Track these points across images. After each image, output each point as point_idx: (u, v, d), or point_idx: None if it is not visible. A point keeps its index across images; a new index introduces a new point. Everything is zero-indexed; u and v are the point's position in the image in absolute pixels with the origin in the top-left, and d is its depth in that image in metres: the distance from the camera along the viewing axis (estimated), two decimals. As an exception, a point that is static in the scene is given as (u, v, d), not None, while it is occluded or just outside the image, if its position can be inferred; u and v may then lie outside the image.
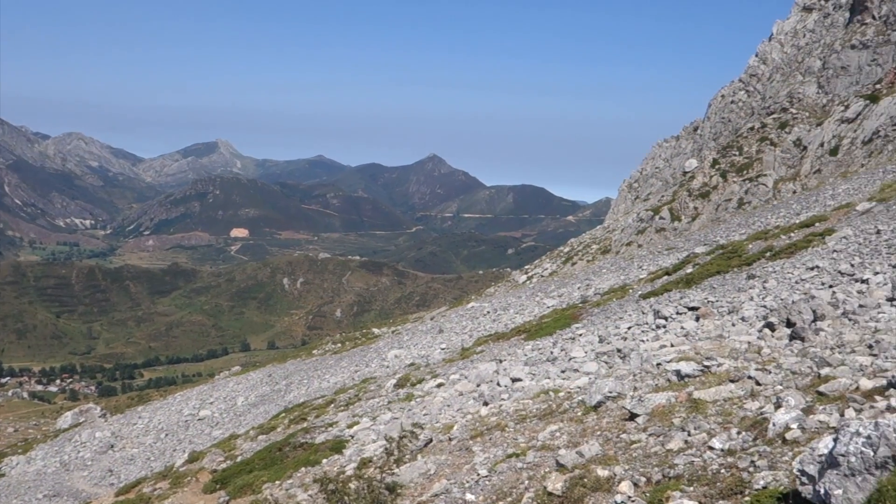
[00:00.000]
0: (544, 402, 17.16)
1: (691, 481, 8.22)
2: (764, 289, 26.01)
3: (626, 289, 39.65)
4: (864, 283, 22.25)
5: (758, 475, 7.60)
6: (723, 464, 8.43)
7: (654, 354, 18.76)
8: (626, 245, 69.09)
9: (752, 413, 9.99)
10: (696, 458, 8.91)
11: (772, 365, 12.60)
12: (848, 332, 14.72)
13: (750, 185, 69.72)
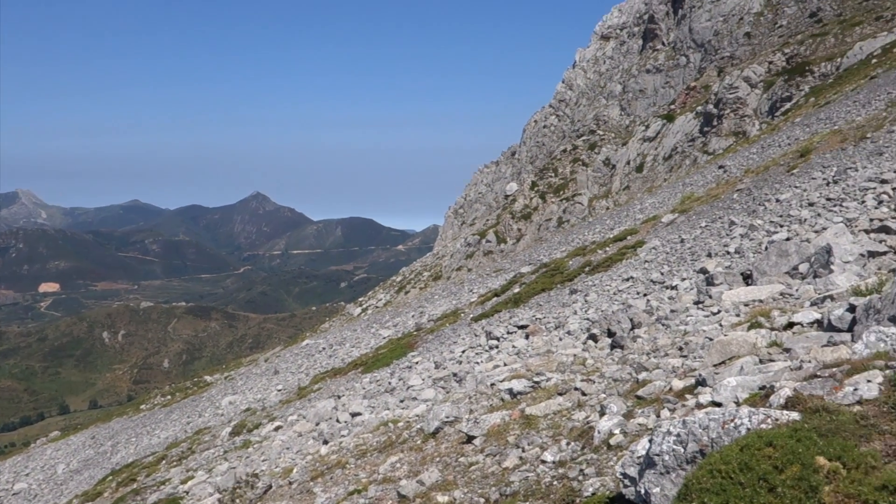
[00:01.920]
0: (384, 434, 17.07)
1: (527, 496, 8.41)
2: (586, 302, 27.27)
3: (459, 313, 40.39)
4: (674, 289, 23.83)
5: (587, 483, 7.90)
6: (555, 475, 8.70)
7: (489, 375, 19.15)
8: (457, 270, 70.49)
9: (579, 423, 10.40)
10: (531, 473, 9.14)
11: (596, 375, 13.19)
12: (661, 336, 15.66)
13: (567, 204, 73.12)
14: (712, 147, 67.26)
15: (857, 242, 20.74)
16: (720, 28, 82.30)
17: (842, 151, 32.14)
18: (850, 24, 70.74)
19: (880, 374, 5.79)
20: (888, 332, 7.77)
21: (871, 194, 25.90)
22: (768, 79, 70.26)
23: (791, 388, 5.98)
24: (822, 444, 4.36)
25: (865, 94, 43.83)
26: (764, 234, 26.39)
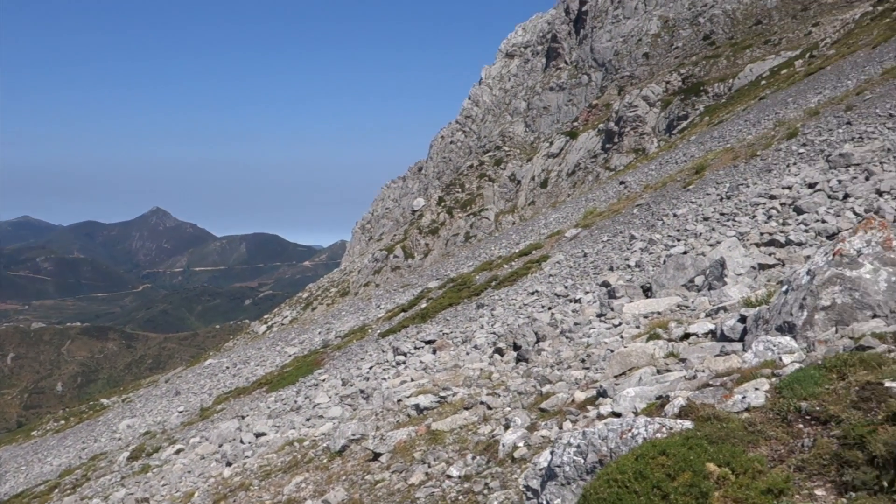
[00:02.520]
0: (289, 454, 16.77)
1: (432, 512, 8.39)
2: (493, 316, 27.52)
3: (366, 329, 40.14)
4: (577, 302, 24.32)
5: (491, 496, 7.94)
6: (460, 490, 8.71)
7: (396, 391, 19.07)
8: (364, 286, 70.12)
9: (485, 437, 10.45)
10: (436, 489, 9.12)
11: (501, 388, 13.30)
12: (565, 349, 15.94)
13: (474, 219, 73.79)
14: (614, 163, 69.21)
15: (748, 255, 21.65)
16: (620, 48, 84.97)
17: (734, 168, 33.55)
18: (741, 46, 74.18)
19: (767, 382, 6.04)
20: (775, 342, 8.12)
21: (761, 209, 27.12)
22: (666, 98, 72.89)
23: (685, 397, 6.17)
24: (713, 451, 4.51)
25: (755, 113, 45.96)
26: (662, 248, 27.25)
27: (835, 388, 5.39)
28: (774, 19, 76.64)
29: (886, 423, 4.42)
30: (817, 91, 41.67)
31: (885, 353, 6.32)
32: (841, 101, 35.23)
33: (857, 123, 30.72)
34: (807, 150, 30.92)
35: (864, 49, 46.73)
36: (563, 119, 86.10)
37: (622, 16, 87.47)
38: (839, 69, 44.62)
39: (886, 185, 24.30)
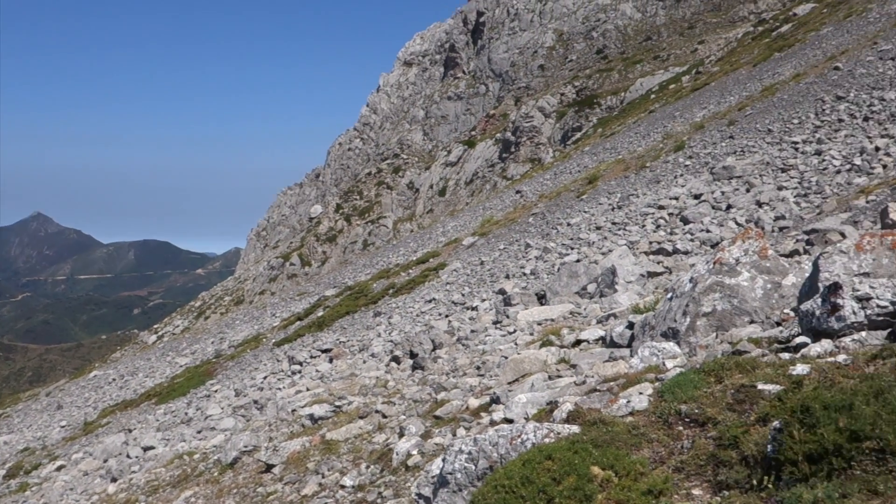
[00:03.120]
0: (179, 468, 16.24)
1: (325, 524, 8.28)
2: (390, 324, 27.48)
3: (261, 338, 39.38)
4: (474, 310, 24.56)
5: (385, 505, 7.90)
6: (354, 500, 8.64)
7: (290, 401, 18.77)
8: (259, 294, 68.80)
9: (379, 446, 10.41)
10: (330, 500, 9.02)
11: (397, 396, 13.28)
12: (461, 356, 16.06)
13: (372, 226, 73.57)
14: (511, 172, 70.37)
15: (638, 264, 22.38)
16: (517, 60, 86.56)
17: (625, 179, 34.65)
18: (632, 61, 76.80)
19: (650, 386, 6.24)
20: (659, 347, 8.41)
21: (650, 219, 28.11)
22: (560, 109, 74.67)
23: (573, 402, 6.31)
24: (597, 455, 4.62)
25: (645, 126, 47.62)
26: (557, 256, 27.85)
27: (712, 392, 5.61)
28: (663, 36, 79.72)
29: (758, 423, 4.63)
30: (703, 106, 43.53)
31: (759, 357, 6.63)
32: (724, 116, 36.92)
33: (738, 138, 32.25)
34: (693, 162, 32.25)
35: (745, 67, 49.14)
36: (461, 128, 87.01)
37: (518, 28, 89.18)
38: (723, 85, 46.75)
39: (765, 196, 25.60)
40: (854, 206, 21.06)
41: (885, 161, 24.39)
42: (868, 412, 3.72)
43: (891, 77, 29.97)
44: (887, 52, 32.62)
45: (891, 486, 3.43)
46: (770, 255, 10.02)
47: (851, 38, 39.35)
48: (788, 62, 42.38)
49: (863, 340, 6.24)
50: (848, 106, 29.65)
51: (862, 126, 27.74)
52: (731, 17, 75.93)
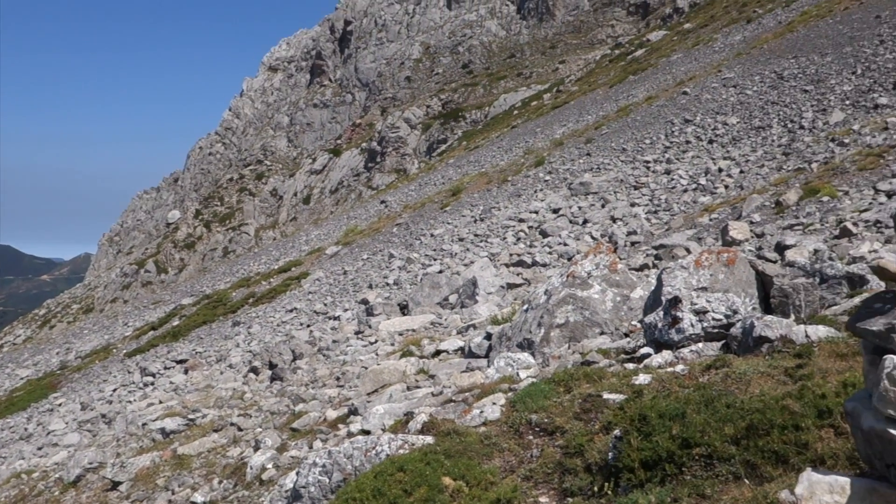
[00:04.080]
0: (16, 487, 15.23)
1: (173, 543, 7.98)
2: (249, 334, 26.85)
3: (111, 349, 37.54)
4: (336, 319, 24.38)
5: (237, 522, 7.69)
6: (205, 517, 8.36)
7: (141, 414, 17.98)
8: (111, 302, 65.59)
9: (233, 460, 10.13)
10: (179, 517, 8.69)
11: (253, 409, 12.98)
12: (321, 367, 15.89)
13: (233, 234, 71.72)
14: (376, 182, 70.41)
15: (498, 275, 22.88)
16: (384, 70, 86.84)
17: (488, 192, 35.39)
18: (496, 77, 78.63)
19: (503, 396, 6.39)
20: (515, 358, 8.63)
21: (511, 231, 28.83)
22: (426, 121, 75.45)
23: (428, 413, 6.37)
24: (449, 465, 4.68)
25: (508, 141, 48.84)
26: (420, 267, 28.07)
27: (562, 401, 5.81)
28: (526, 54, 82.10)
29: (602, 432, 4.83)
30: (562, 123, 45.10)
31: (606, 367, 6.92)
32: (582, 134, 38.40)
33: (595, 155, 33.63)
34: (552, 177, 33.35)
35: (602, 87, 51.32)
36: (326, 136, 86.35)
37: (386, 39, 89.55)
38: (581, 104, 48.63)
39: (619, 212, 26.81)
40: (699, 223, 22.39)
41: (726, 181, 26.07)
42: (698, 420, 3.96)
43: (733, 103, 32.08)
44: (730, 80, 34.91)
45: (717, 490, 3.67)
46: (619, 269, 10.49)
47: (699, 66, 41.86)
48: (642, 85, 44.59)
49: (700, 351, 6.63)
50: (695, 129, 31.52)
51: (707, 148, 29.55)
52: (590, 40, 79.15)
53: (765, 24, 44.40)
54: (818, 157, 23.66)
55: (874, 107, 26.18)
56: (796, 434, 3.67)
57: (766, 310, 7.76)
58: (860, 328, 3.03)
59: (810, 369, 4.78)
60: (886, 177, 19.01)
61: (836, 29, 34.64)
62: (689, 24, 58.97)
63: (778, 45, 36.81)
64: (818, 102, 28.57)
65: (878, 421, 2.95)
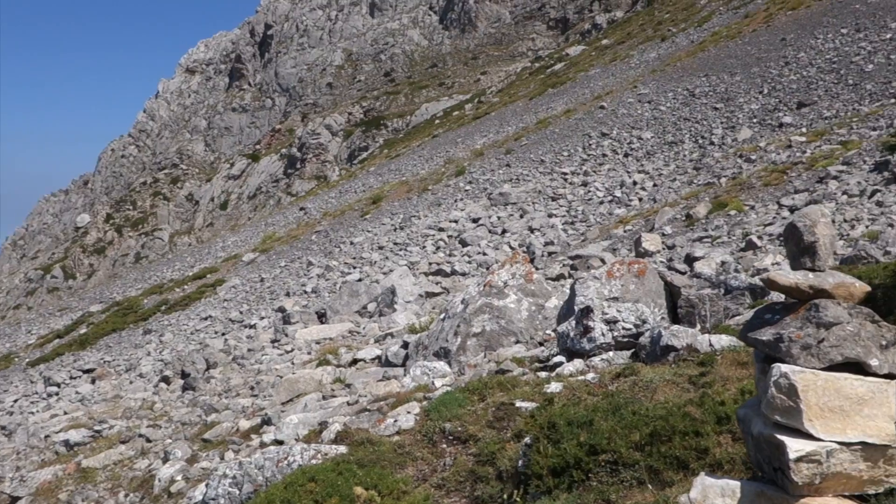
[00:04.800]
0: None
1: (75, 559, 7.69)
2: (161, 342, 26.18)
3: (12, 357, 35.98)
4: (252, 328, 23.98)
5: (143, 536, 7.48)
6: (109, 532, 8.10)
7: (44, 426, 17.27)
8: (14, 308, 62.91)
9: (141, 472, 9.85)
10: (82, 532, 8.39)
11: (163, 419, 12.64)
12: (236, 376, 15.60)
13: (146, 239, 69.80)
14: (296, 189, 69.64)
15: (417, 284, 22.92)
16: (305, 76, 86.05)
17: (408, 201, 35.44)
18: (418, 86, 78.88)
19: (418, 405, 6.41)
20: (431, 366, 8.66)
21: (430, 240, 28.93)
22: (348, 128, 75.10)
23: (342, 422, 6.33)
24: (361, 475, 4.67)
25: (429, 150, 49.02)
26: (339, 275, 27.87)
27: (476, 410, 5.86)
28: (448, 64, 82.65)
29: (513, 440, 4.89)
30: (483, 134, 45.54)
31: (520, 375, 7.02)
32: (502, 145, 38.86)
33: (515, 166, 34.07)
34: (472, 187, 33.63)
35: (522, 99, 52.08)
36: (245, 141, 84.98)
37: (307, 44, 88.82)
38: (502, 116, 49.22)
39: (537, 223, 27.23)
40: (614, 234, 22.93)
41: (641, 194, 26.81)
42: (606, 427, 4.06)
43: (647, 118, 33.01)
44: (645, 96, 35.92)
45: (621, 495, 3.77)
46: (535, 279, 10.65)
47: (615, 81, 42.93)
48: (561, 98, 45.44)
49: (610, 360, 6.79)
50: (611, 142, 32.30)
51: (623, 161, 30.33)
52: (511, 52, 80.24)
53: (678, 42, 45.84)
54: (727, 172, 24.55)
55: (779, 125, 27.34)
56: (696, 440, 3.80)
57: (674, 319, 8.00)
58: (751, 338, 3.17)
59: (712, 377, 4.95)
60: (789, 192, 19.87)
61: (744, 50, 36.03)
62: (607, 40, 60.43)
63: (690, 64, 38.07)
64: (727, 120, 29.66)
65: (767, 426, 3.09)
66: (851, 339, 2.97)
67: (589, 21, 73.74)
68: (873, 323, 3.04)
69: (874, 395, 2.96)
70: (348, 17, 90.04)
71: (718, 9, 49.05)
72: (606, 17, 71.46)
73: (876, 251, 12.05)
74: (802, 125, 26.55)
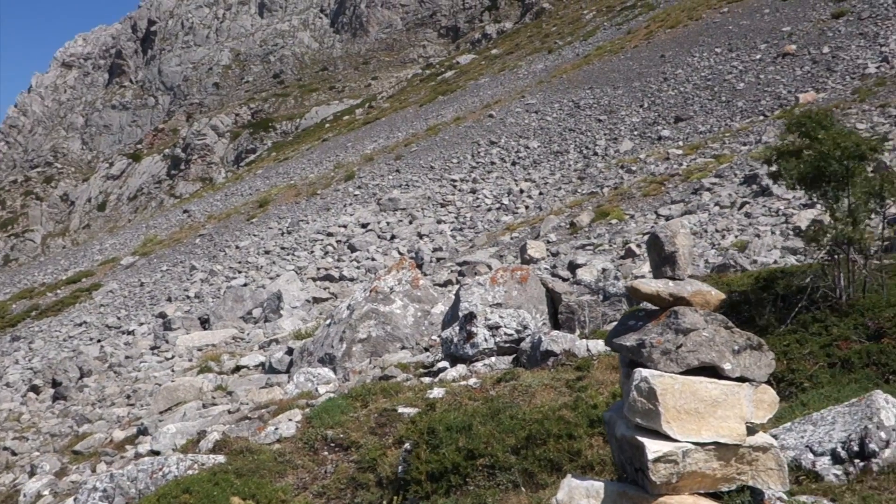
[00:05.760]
0: None
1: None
2: (31, 350, 24.91)
3: None
4: (131, 334, 23.10)
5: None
6: (-32, 552, 7.62)
7: None
8: None
9: (5, 487, 9.33)
10: (-63, 553, 7.87)
11: (31, 431, 12.03)
12: (111, 385, 15.01)
13: (16, 240, 66.18)
14: (179, 191, 67.54)
15: (304, 289, 22.65)
16: (190, 74, 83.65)
17: (296, 205, 34.96)
18: (308, 89, 77.97)
19: (300, 412, 6.34)
20: (315, 373, 8.58)
21: (318, 245, 28.63)
22: (235, 130, 73.45)
23: (220, 431, 6.19)
24: (239, 485, 4.58)
25: (318, 154, 48.53)
26: (223, 280, 27.21)
27: (358, 416, 5.85)
28: (339, 68, 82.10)
29: (395, 446, 4.92)
30: (373, 139, 45.47)
31: (404, 381, 7.05)
32: (392, 151, 38.89)
33: (404, 172, 34.16)
34: (362, 192, 33.50)
35: (413, 106, 52.30)
36: (126, 140, 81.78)
37: (193, 42, 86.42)
38: (392, 121, 49.28)
39: (426, 228, 27.40)
40: (501, 241, 23.33)
41: (527, 202, 27.40)
42: (483, 432, 4.13)
43: (534, 128, 33.75)
44: (532, 106, 36.72)
45: (497, 499, 3.84)
46: (422, 285, 10.72)
47: (504, 90, 43.70)
48: (451, 106, 45.89)
49: (492, 365, 6.92)
50: (499, 150, 32.85)
51: (510, 169, 30.89)
52: (402, 58, 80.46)
53: (564, 55, 47.12)
54: (609, 182, 25.41)
55: (658, 138, 28.52)
56: (570, 443, 3.93)
57: (555, 325, 8.22)
58: (616, 343, 3.32)
59: (588, 381, 5.12)
60: (666, 203, 20.74)
61: (626, 65, 37.38)
62: (497, 49, 61.47)
63: (576, 76, 39.18)
64: (610, 131, 30.70)
65: (629, 429, 3.24)
66: (707, 345, 3.16)
67: (479, 30, 74.83)
68: (727, 329, 3.24)
69: (727, 398, 3.15)
70: (236, 16, 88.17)
71: (603, 24, 50.72)
72: (496, 27, 72.70)
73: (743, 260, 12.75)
74: (679, 139, 27.76)
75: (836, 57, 28.71)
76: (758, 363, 3.17)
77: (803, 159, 6.64)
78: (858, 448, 4.13)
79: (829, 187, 6.62)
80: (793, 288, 6.88)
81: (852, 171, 6.37)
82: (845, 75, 27.17)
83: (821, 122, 6.88)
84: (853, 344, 5.90)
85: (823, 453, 4.21)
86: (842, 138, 6.36)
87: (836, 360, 5.79)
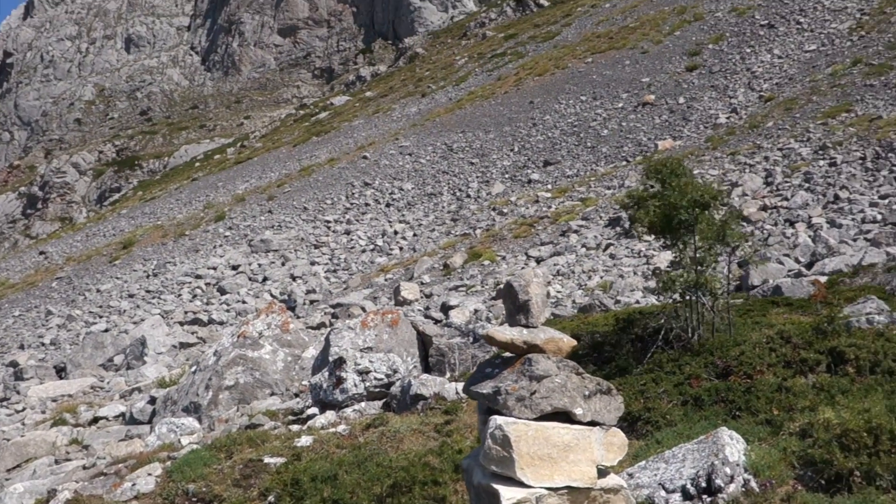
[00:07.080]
0: None
1: None
2: None
3: None
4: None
5: None
6: None
7: None
8: None
9: None
10: None
11: None
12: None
13: None
14: (36, 231, 64.02)
15: (171, 334, 21.81)
16: (49, 109, 79.96)
17: (163, 246, 33.78)
18: (177, 127, 75.95)
19: (161, 466, 6.07)
20: (179, 423, 8.25)
21: (187, 288, 27.70)
22: (98, 168, 70.49)
23: (72, 489, 5.84)
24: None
25: (188, 193, 47.18)
26: (83, 325, 25.90)
27: (222, 468, 5.66)
28: (210, 106, 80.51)
29: (259, 498, 4.78)
30: (245, 179, 44.65)
31: (271, 429, 6.88)
32: (265, 191, 38.30)
33: (277, 213, 33.68)
34: (232, 233, 32.75)
35: (286, 146, 51.81)
36: (-23, 177, 76.98)
37: (53, 76, 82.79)
38: (265, 161, 48.60)
39: (299, 270, 27.02)
40: (375, 283, 23.31)
41: (401, 243, 27.55)
42: (349, 481, 4.09)
43: (408, 170, 34.10)
44: (406, 148, 37.13)
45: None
46: (292, 329, 10.54)
47: (378, 133, 44.01)
48: (325, 146, 45.76)
49: (362, 410, 6.86)
50: (374, 192, 32.95)
51: (385, 211, 31.03)
52: (276, 98, 79.80)
53: (437, 99, 48.00)
54: (482, 224, 25.93)
55: (528, 181, 29.40)
56: (435, 489, 3.94)
57: (426, 368, 8.26)
58: (473, 391, 3.38)
59: (456, 425, 5.16)
60: (536, 244, 21.34)
61: (497, 110, 38.45)
62: (371, 92, 61.95)
63: (449, 120, 39.95)
64: (482, 174, 31.40)
65: (485, 476, 3.30)
66: (559, 391, 3.26)
67: (353, 73, 75.27)
68: (578, 375, 3.36)
69: (579, 442, 3.26)
70: (101, 50, 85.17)
71: (474, 70, 52.05)
72: (370, 69, 73.35)
73: (608, 300, 13.24)
74: (549, 182, 28.72)
75: (691, 107, 30.58)
76: (608, 407, 3.30)
77: (653, 207, 7.02)
78: (706, 484, 4.34)
79: (678, 234, 7.03)
80: (649, 329, 7.21)
81: (697, 218, 6.78)
82: (699, 124, 28.96)
83: (674, 170, 7.31)
84: (703, 382, 6.22)
85: (675, 490, 4.39)
86: (689, 188, 6.77)
87: (688, 398, 6.09)
